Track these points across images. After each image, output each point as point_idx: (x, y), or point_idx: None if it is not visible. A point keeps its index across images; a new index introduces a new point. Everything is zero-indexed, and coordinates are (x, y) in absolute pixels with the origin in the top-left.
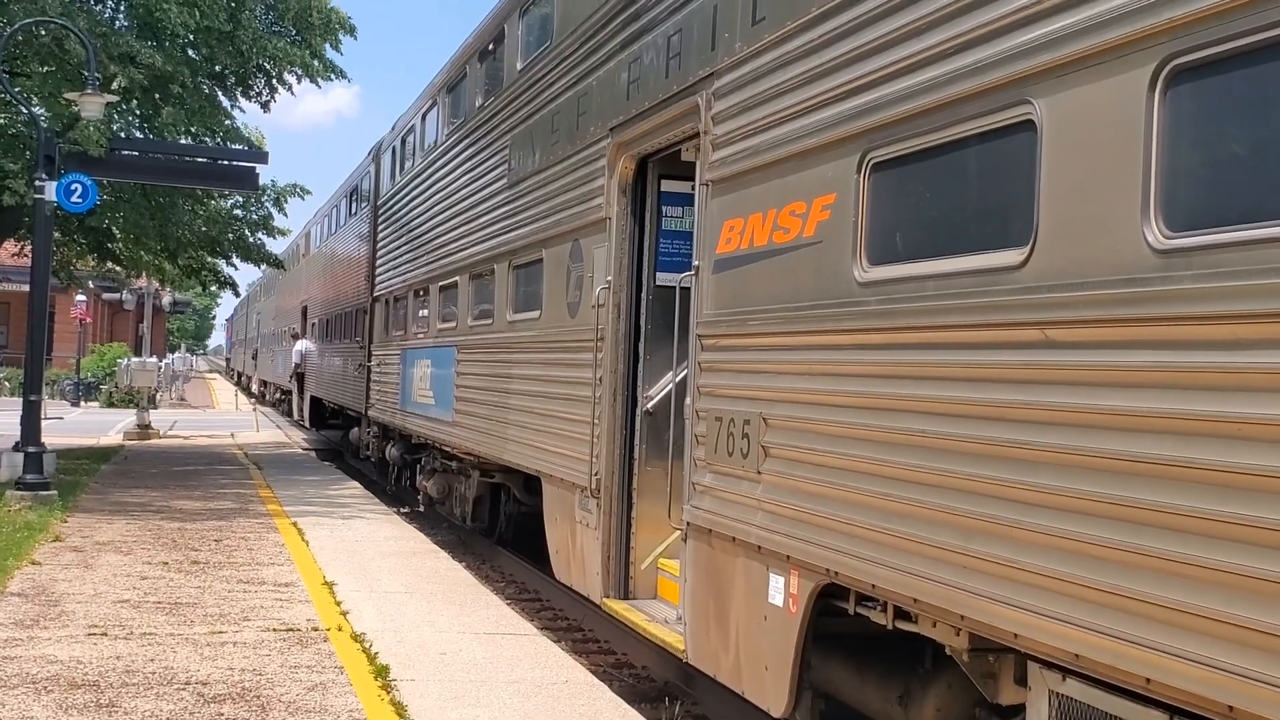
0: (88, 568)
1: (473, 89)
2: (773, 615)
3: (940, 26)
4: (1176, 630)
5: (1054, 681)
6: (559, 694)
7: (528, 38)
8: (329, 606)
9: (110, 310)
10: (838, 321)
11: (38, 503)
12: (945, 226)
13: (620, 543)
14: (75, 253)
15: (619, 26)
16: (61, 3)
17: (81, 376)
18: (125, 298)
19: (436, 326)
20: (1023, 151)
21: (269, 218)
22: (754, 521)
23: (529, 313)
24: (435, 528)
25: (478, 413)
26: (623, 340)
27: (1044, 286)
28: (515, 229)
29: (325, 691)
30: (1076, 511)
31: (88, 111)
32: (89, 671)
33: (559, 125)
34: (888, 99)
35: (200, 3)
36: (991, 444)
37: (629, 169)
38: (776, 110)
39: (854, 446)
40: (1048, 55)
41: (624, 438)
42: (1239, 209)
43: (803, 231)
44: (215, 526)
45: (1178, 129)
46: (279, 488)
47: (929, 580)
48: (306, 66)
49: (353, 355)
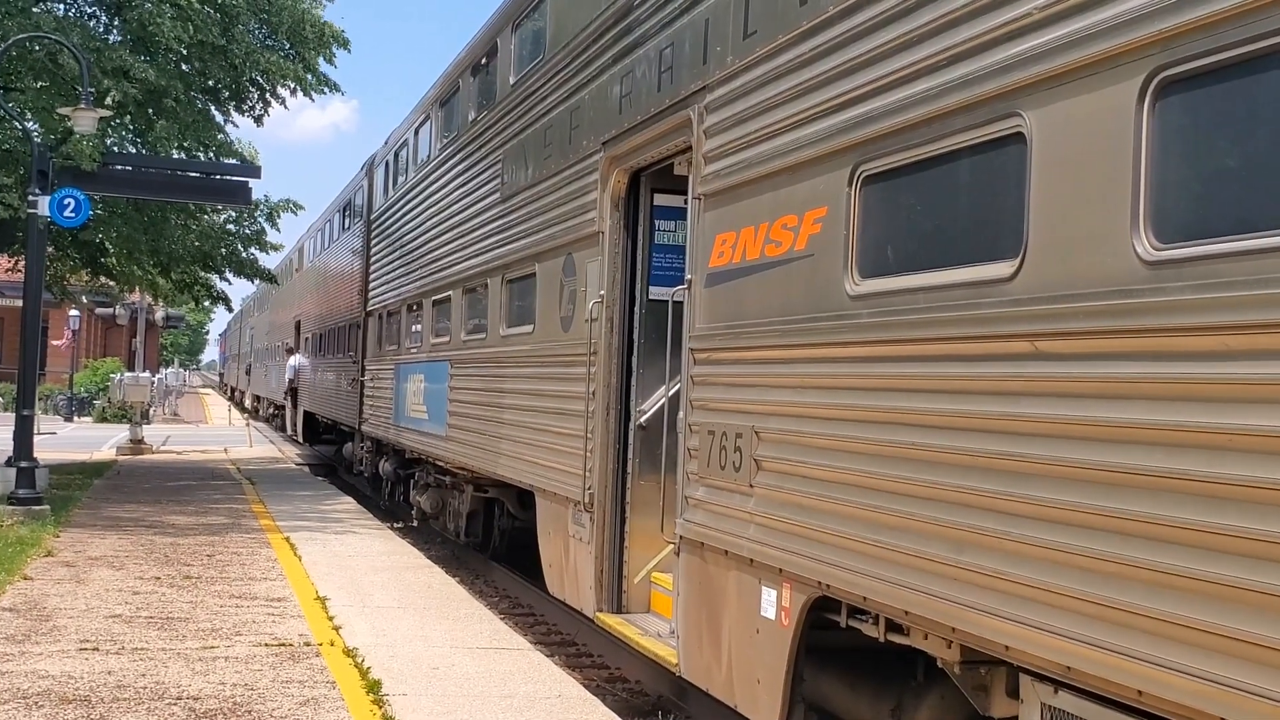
0: (80, 582)
1: (465, 103)
2: (765, 628)
3: (930, 40)
4: (1169, 642)
5: (1046, 694)
6: (552, 709)
7: (520, 52)
8: (321, 621)
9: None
10: (829, 335)
11: (30, 518)
12: (936, 239)
13: (613, 557)
14: (68, 267)
15: (611, 40)
16: (55, 18)
17: (74, 392)
18: (118, 312)
19: (430, 341)
20: (1013, 164)
21: (262, 233)
22: (746, 535)
23: (522, 327)
24: (429, 543)
25: (471, 427)
26: (616, 354)
27: (1034, 299)
28: (508, 243)
29: (317, 707)
30: (1068, 523)
31: (81, 126)
32: (80, 686)
33: (551, 139)
34: (879, 112)
35: (194, 17)
36: (983, 456)
37: (621, 183)
38: (768, 124)
39: (846, 459)
40: (1037, 68)
41: (617, 452)
42: (1229, 220)
43: (794, 245)
44: (208, 541)
45: (1167, 141)
46: (272, 503)
47: (921, 593)
48: (300, 80)
49: (346, 370)
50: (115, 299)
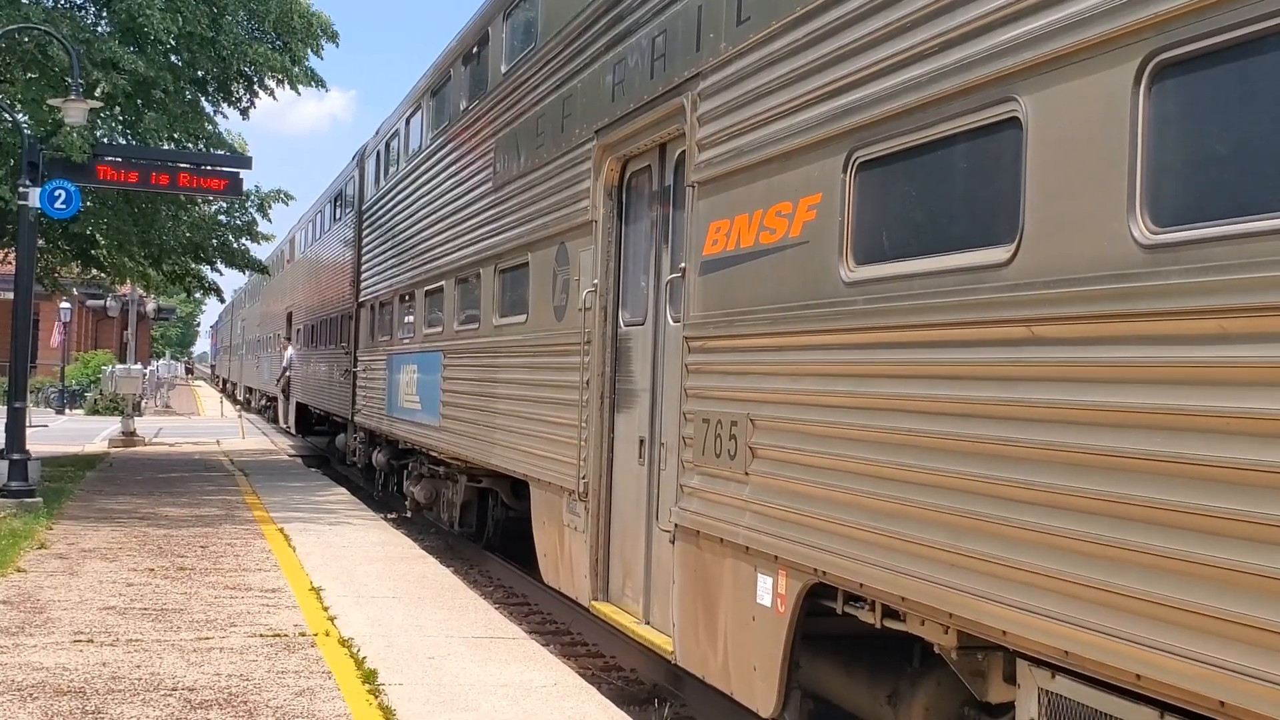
0: (73, 574)
1: (457, 92)
2: (761, 616)
3: (925, 24)
4: (1167, 626)
5: (1043, 679)
6: (547, 696)
7: (512, 41)
8: (316, 612)
9: (94, 317)
10: (824, 322)
11: (23, 510)
12: (931, 225)
13: (608, 545)
14: (59, 259)
15: (603, 28)
16: (44, 9)
17: (66, 384)
18: (109, 304)
19: (422, 331)
20: (1008, 149)
21: (253, 223)
22: (742, 522)
23: (515, 316)
24: (423, 533)
25: (464, 417)
26: (610, 343)
27: (1030, 283)
28: (501, 233)
29: (313, 696)
30: (1065, 508)
31: (71, 117)
32: (75, 678)
33: (544, 128)
34: (873, 98)
35: (182, 8)
36: (979, 441)
37: (615, 171)
38: (762, 110)
39: (841, 446)
40: (1033, 52)
41: (612, 441)
42: (1225, 203)
43: (789, 232)
44: (201, 533)
45: (1163, 124)
46: (265, 494)
47: (917, 579)
48: (286, 72)
49: (338, 361)
50: (106, 291)
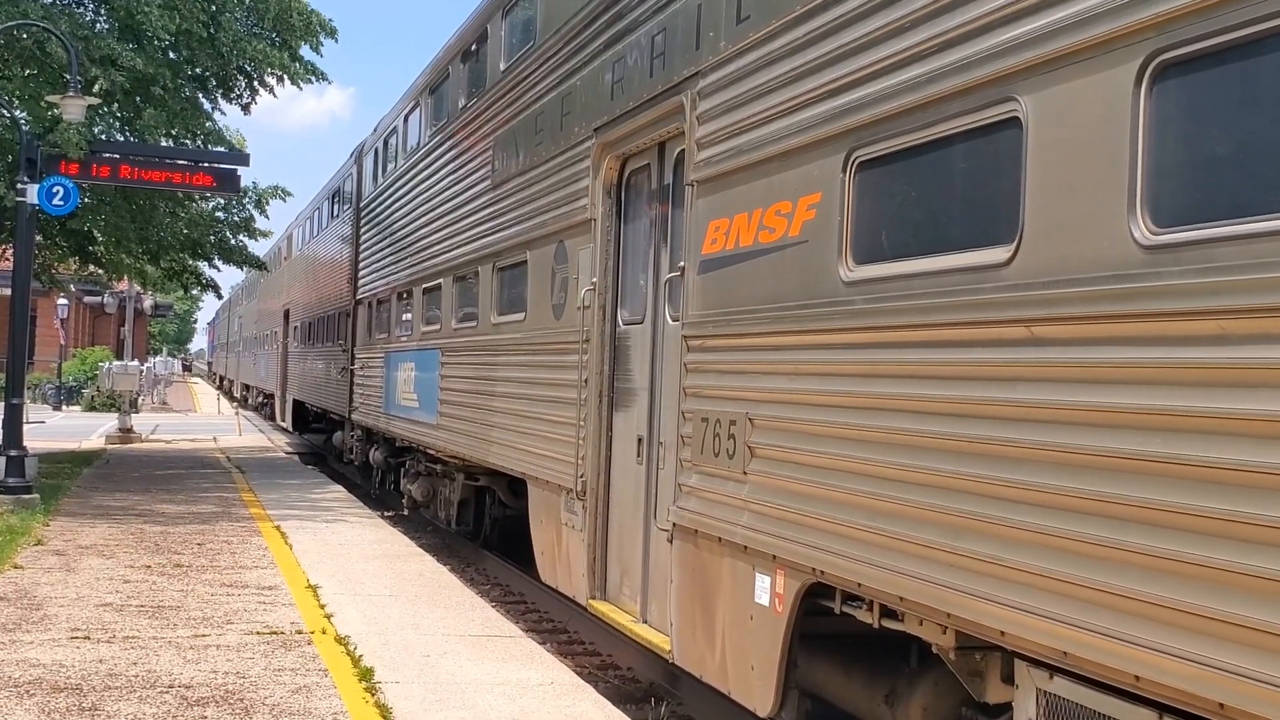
0: (70, 571)
1: (455, 90)
2: (759, 615)
3: (925, 24)
4: (1166, 627)
5: (1041, 679)
6: (544, 695)
7: (511, 38)
8: (313, 609)
9: (91, 314)
10: (823, 321)
11: (19, 506)
12: (931, 225)
13: (606, 544)
14: (57, 256)
15: (603, 26)
16: (43, 6)
17: (63, 381)
18: (106, 301)
19: (420, 329)
20: (1008, 149)
21: (250, 220)
22: (740, 522)
23: (513, 315)
24: (420, 531)
25: (462, 415)
26: (608, 342)
27: (1030, 284)
28: (499, 231)
29: (309, 694)
30: (1064, 509)
31: (69, 114)
32: (71, 675)
33: (543, 126)
34: (873, 97)
35: (181, 5)
36: (977, 442)
37: (613, 170)
38: (761, 109)
39: (840, 446)
40: (1033, 52)
41: (610, 440)
42: (1226, 204)
43: (788, 231)
44: (198, 530)
45: (1164, 125)
46: (262, 491)
47: (915, 579)
48: (286, 68)
49: (336, 358)
50: (104, 287)
